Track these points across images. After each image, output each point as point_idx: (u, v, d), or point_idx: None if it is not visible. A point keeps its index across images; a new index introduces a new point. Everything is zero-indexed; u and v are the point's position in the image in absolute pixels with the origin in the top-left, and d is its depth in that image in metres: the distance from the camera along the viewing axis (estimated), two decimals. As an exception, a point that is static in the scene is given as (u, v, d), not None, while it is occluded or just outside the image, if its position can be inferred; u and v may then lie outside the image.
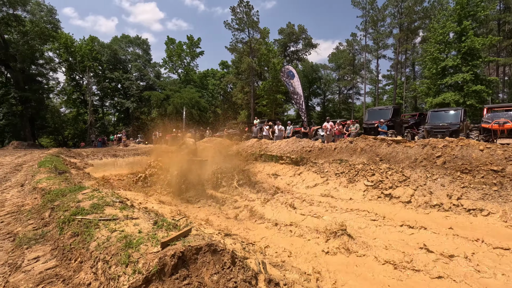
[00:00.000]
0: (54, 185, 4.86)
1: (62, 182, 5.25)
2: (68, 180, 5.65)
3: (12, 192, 5.91)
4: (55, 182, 5.11)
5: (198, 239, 2.48)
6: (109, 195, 4.27)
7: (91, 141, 36.01)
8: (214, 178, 9.86)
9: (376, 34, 39.57)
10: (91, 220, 3.11)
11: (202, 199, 8.15)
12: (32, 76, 32.64)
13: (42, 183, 5.01)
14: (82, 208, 3.46)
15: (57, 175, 6.68)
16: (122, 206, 3.65)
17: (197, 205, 7.77)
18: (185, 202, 7.95)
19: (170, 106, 40.77)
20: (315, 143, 11.56)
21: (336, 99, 60.08)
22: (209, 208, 7.45)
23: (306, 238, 4.96)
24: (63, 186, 4.89)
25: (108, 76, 41.65)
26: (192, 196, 8.34)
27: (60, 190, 4.55)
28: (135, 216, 3.27)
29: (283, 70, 14.31)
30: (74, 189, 4.56)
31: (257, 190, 8.83)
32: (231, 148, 15.55)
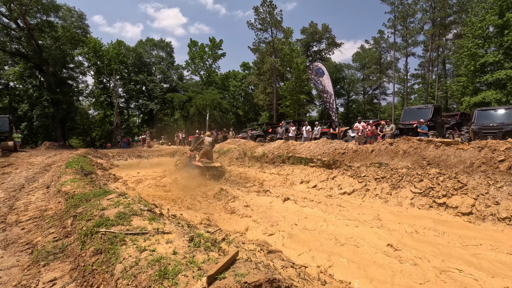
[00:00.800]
0: (78, 189, 4.50)
1: (86, 185, 4.90)
2: (93, 182, 5.32)
3: (37, 194, 5.67)
4: (80, 185, 4.77)
5: (250, 268, 1.89)
6: (136, 201, 3.81)
7: (117, 142, 36.91)
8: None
9: (405, 31, 37.62)
10: (116, 234, 2.61)
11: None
12: (63, 79, 33.99)
13: (66, 186, 4.68)
14: (107, 218, 2.98)
15: (83, 177, 6.41)
16: (151, 216, 3.14)
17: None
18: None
19: (193, 108, 41.04)
20: (349, 145, 10.73)
21: (360, 99, 58.06)
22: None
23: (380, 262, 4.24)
24: (87, 190, 4.52)
25: (133, 78, 42.69)
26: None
27: (84, 195, 4.16)
28: (167, 230, 2.75)
29: (311, 67, 13.58)
30: (98, 193, 4.15)
31: (293, 200, 8.17)
32: (256, 149, 15.00)
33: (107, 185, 6.87)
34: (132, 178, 10.87)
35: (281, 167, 12.13)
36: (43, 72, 30.81)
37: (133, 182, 9.78)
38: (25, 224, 3.90)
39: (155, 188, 8.71)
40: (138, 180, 10.48)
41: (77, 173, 6.74)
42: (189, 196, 7.91)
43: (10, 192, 6.31)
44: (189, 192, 8.30)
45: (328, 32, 44.80)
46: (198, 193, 8.26)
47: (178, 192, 8.51)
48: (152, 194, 7.36)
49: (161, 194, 7.69)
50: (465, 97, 26.32)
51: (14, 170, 10.54)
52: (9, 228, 3.84)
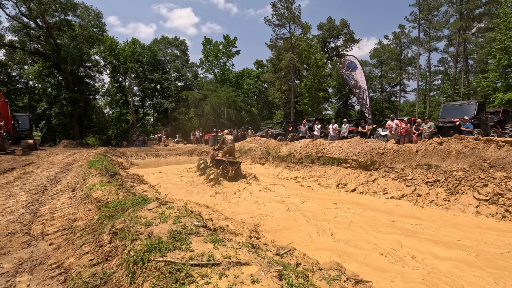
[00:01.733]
0: (111, 195, 3.89)
1: (118, 190, 4.30)
2: (124, 187, 4.71)
3: (62, 198, 5.12)
4: (111, 190, 4.17)
5: None
6: (183, 212, 3.15)
7: (133, 141, 36.91)
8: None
9: (429, 24, 35.95)
10: (178, 265, 1.94)
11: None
12: (81, 78, 34.18)
13: (96, 192, 4.08)
14: (158, 239, 2.32)
15: (109, 179, 5.85)
16: (213, 236, 2.46)
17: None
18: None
19: (208, 106, 40.65)
20: (388, 145, 9.85)
21: (377, 96, 56.28)
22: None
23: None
24: (121, 196, 3.90)
25: (148, 77, 42.67)
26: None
27: (119, 203, 3.53)
28: (242, 259, 2.06)
29: (342, 61, 12.70)
30: (136, 201, 3.52)
31: (337, 203, 7.39)
32: (280, 148, 14.27)
33: (134, 187, 6.29)
34: (157, 179, 10.35)
35: (311, 168, 11.35)
36: (61, 71, 31.01)
37: (159, 184, 9.24)
38: (52, 238, 3.30)
39: (185, 191, 8.13)
40: (163, 182, 9.95)
41: (102, 174, 6.20)
42: (224, 202, 7.28)
43: (32, 195, 5.82)
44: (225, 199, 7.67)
45: (346, 27, 43.45)
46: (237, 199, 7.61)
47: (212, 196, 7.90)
48: (185, 199, 6.76)
49: (195, 199, 7.10)
50: (497, 93, 24.72)
51: (35, 170, 10.19)
52: (35, 243, 3.25)
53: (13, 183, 7.25)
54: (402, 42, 42.00)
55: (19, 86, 34.75)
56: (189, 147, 23.93)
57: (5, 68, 31.75)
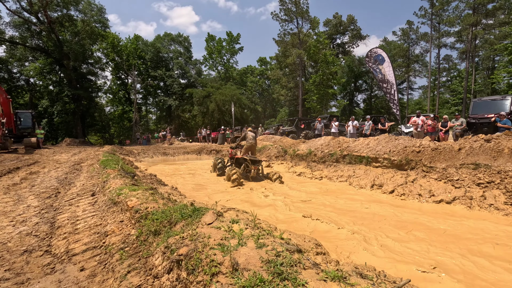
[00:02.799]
0: (149, 203, 3.15)
1: (153, 195, 3.56)
2: (158, 193, 3.97)
3: (82, 204, 4.38)
4: (146, 196, 3.43)
5: None
6: (254, 227, 2.43)
7: (136, 139, 36.19)
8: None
9: (439, 20, 35.14)
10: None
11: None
12: (83, 74, 33.37)
13: (129, 198, 3.33)
14: (258, 278, 1.58)
15: (132, 180, 5.12)
16: (333, 272, 1.72)
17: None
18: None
19: (212, 104, 39.86)
20: (423, 142, 9.12)
21: (382, 94, 55.47)
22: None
23: None
24: (161, 205, 3.16)
25: (151, 74, 41.84)
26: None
27: (164, 215, 2.80)
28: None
29: (369, 54, 11.93)
30: (185, 212, 2.79)
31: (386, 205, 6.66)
32: (298, 147, 13.54)
33: (157, 189, 5.56)
34: (174, 180, 9.61)
35: (336, 167, 10.62)
36: (64, 67, 30.21)
37: (178, 184, 8.50)
38: (83, 260, 2.57)
39: (211, 193, 7.41)
40: (183, 184, 9.22)
41: (122, 176, 5.46)
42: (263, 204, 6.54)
43: (44, 199, 5.09)
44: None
45: (353, 23, 42.64)
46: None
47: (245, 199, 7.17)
48: (217, 200, 6.05)
49: (229, 204, 6.38)
50: (515, 90, 24.02)
51: (41, 169, 9.46)
52: (61, 267, 2.52)
53: (20, 184, 6.52)
54: (410, 38, 41.13)
55: (20, 83, 33.97)
56: (196, 145, 23.18)
57: (5, 65, 30.95)
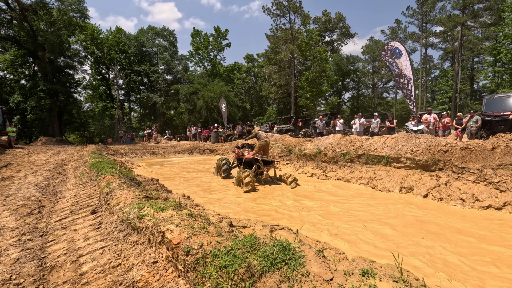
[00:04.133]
0: (201, 236, 2.06)
1: (195, 219, 2.48)
2: (199, 216, 2.85)
3: (81, 227, 3.22)
4: (189, 224, 2.32)
5: None
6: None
7: (119, 137, 34.12)
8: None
9: (427, 19, 35.52)
10: None
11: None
12: (61, 68, 30.86)
13: (168, 228, 2.20)
14: None
15: (143, 191, 3.98)
16: None
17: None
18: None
19: (200, 101, 38.35)
20: (448, 141, 8.48)
21: (368, 93, 56.02)
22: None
23: None
24: (215, 236, 2.09)
25: (135, 69, 39.65)
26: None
27: (235, 259, 1.75)
28: None
29: (385, 48, 11.23)
30: (272, 254, 1.75)
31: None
32: (304, 146, 12.66)
33: (168, 199, 4.42)
34: (177, 185, 8.43)
35: (351, 168, 9.83)
36: (38, 59, 27.74)
37: (182, 190, 7.36)
38: None
39: (227, 202, 6.34)
40: (187, 189, 8.07)
41: (129, 185, 4.30)
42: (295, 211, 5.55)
43: (25, 217, 3.86)
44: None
45: (342, 21, 42.44)
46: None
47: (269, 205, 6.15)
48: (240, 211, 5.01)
49: (254, 209, 5.35)
50: (504, 89, 24.42)
51: (16, 173, 8.00)
52: None
53: (-10, 195, 5.18)
54: (399, 37, 41.48)
55: (-13, 77, 30.96)
56: (187, 144, 21.82)
57: (-30, 56, 28.02)
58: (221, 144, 18.37)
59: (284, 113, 45.00)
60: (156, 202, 3.11)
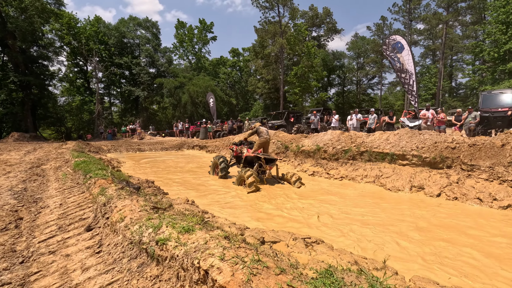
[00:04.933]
0: (252, 273, 1.47)
1: (233, 243, 1.88)
2: (240, 239, 2.23)
3: (77, 250, 2.54)
4: (226, 249, 1.72)
5: None
6: None
7: (100, 133, 32.42)
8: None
9: (412, 17, 36.04)
10: None
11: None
12: (34, 58, 28.65)
13: (213, 265, 1.58)
14: None
15: (150, 201, 3.32)
16: None
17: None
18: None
19: (185, 95, 37.10)
20: (454, 137, 8.27)
21: (353, 89, 56.62)
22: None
23: None
24: (267, 277, 1.51)
25: (115, 61, 37.67)
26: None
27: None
28: None
29: (387, 42, 10.91)
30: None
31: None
32: (301, 142, 12.21)
33: (173, 206, 3.77)
34: (172, 185, 7.71)
35: (354, 165, 9.48)
36: (8, 48, 25.58)
37: (180, 192, 6.68)
38: None
39: (237, 206, 5.75)
40: (188, 192, 7.38)
41: (129, 192, 3.61)
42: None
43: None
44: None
45: (329, 16, 42.30)
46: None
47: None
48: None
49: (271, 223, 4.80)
50: (486, 86, 25.12)
51: (-15, 175, 6.99)
52: None
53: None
54: (385, 33, 41.91)
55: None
56: (174, 140, 20.86)
57: None
58: (211, 141, 17.61)
59: (271, 108, 44.59)
60: (172, 216, 2.48)
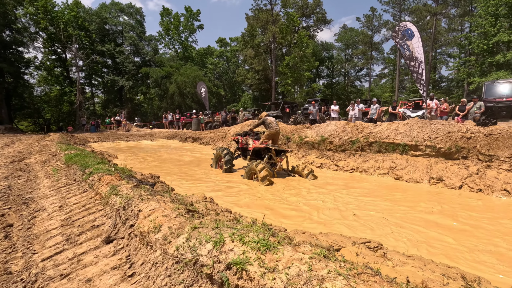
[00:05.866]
0: None
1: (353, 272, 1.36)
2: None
3: (100, 273, 1.90)
4: (343, 276, 1.21)
5: None
6: None
7: (82, 125, 30.73)
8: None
9: (401, 8, 36.08)
10: None
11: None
12: (7, 44, 26.47)
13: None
14: None
15: (172, 199, 2.72)
16: None
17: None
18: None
19: (172, 85, 35.72)
20: (469, 127, 8.02)
21: (342, 80, 56.71)
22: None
23: None
24: None
25: (97, 49, 35.59)
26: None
27: None
28: None
29: (396, 29, 10.46)
30: None
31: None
32: (304, 133, 11.75)
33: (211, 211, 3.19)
34: (183, 182, 7.03)
35: (363, 157, 9.12)
36: (-23, 32, 23.45)
37: (193, 189, 6.05)
38: None
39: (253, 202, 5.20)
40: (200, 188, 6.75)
41: (150, 192, 2.98)
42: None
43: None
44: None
45: (319, 6, 41.64)
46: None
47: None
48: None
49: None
50: (475, 77, 25.55)
51: (-42, 171, 6.08)
52: None
53: None
54: (374, 25, 41.87)
55: None
56: (165, 132, 19.92)
57: None
58: (205, 132, 16.86)
59: (260, 99, 43.89)
60: (225, 224, 1.90)
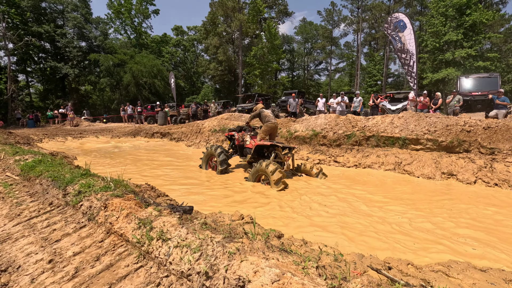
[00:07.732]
0: None
1: None
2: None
3: None
4: None
5: None
6: None
7: (16, 119, 26.24)
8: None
9: (359, 4, 37.40)
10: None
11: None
12: None
13: None
14: None
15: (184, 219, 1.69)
16: None
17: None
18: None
19: (127, 75, 32.35)
20: (468, 120, 8.04)
21: (301, 74, 57.66)
22: None
23: None
24: None
25: (33, 29, 30.48)
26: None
27: None
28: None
29: (389, 20, 10.15)
30: None
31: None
32: (292, 127, 11.03)
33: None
34: (172, 185, 5.71)
35: (361, 152, 8.72)
36: None
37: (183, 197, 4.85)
38: None
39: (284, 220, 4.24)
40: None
41: (201, 225, 1.88)
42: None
43: None
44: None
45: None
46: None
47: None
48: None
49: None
50: (428, 73, 27.51)
51: None
52: None
53: None
54: (334, 19, 42.86)
55: None
56: (126, 127, 17.63)
57: None
58: (175, 127, 15.18)
59: (223, 91, 42.35)
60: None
